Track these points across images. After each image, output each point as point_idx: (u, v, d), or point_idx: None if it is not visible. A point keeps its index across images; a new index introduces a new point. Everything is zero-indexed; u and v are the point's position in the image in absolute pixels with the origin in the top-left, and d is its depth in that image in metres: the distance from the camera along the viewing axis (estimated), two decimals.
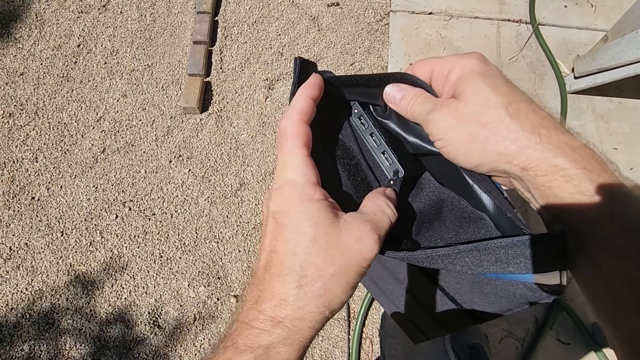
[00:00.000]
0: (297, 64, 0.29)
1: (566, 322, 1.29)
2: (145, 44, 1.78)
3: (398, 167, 0.34)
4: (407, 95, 0.33)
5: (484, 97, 0.29)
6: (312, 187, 0.27)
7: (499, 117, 0.28)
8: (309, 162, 0.28)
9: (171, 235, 1.46)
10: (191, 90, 1.63)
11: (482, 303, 0.35)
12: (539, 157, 0.27)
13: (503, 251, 0.26)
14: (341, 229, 0.26)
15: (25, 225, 1.46)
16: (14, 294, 1.37)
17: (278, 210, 0.27)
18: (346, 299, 0.27)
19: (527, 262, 0.26)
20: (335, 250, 0.26)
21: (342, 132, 0.35)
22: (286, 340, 0.25)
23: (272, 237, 0.27)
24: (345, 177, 0.33)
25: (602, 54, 1.39)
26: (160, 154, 1.59)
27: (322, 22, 1.82)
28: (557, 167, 0.27)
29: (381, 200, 0.30)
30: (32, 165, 1.55)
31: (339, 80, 0.32)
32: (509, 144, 0.27)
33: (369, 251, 0.27)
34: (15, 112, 1.64)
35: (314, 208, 0.26)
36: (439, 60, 0.32)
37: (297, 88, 0.29)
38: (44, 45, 1.76)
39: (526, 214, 1.43)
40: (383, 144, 0.34)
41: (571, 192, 0.26)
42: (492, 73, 0.30)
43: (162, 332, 1.34)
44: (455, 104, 0.30)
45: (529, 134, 0.27)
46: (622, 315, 0.26)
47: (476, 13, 1.77)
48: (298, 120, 0.28)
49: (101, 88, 1.69)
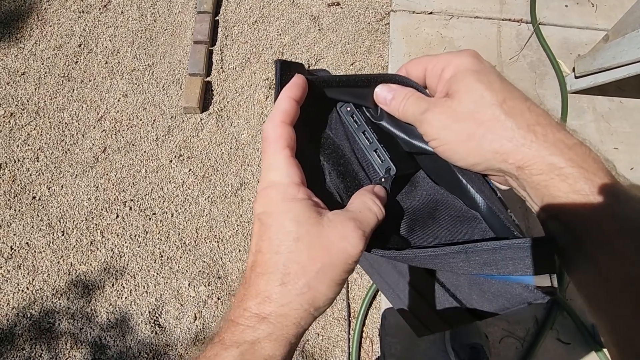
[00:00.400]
0: (277, 66, 0.29)
1: (566, 322, 1.29)
2: (146, 43, 1.78)
3: (390, 164, 0.34)
4: (398, 96, 0.33)
5: (478, 95, 0.28)
6: (296, 187, 0.27)
7: (494, 115, 0.28)
8: (293, 163, 0.28)
9: (172, 235, 1.47)
10: (192, 89, 1.63)
11: (481, 301, 0.35)
12: (535, 155, 0.27)
13: (490, 253, 0.26)
14: (324, 227, 0.26)
15: (27, 225, 1.46)
16: (15, 293, 1.37)
17: (263, 211, 0.28)
18: (333, 296, 0.27)
19: (515, 265, 0.26)
20: (318, 247, 0.26)
21: (332, 130, 0.34)
22: (271, 336, 0.26)
23: (258, 238, 0.28)
24: (334, 176, 0.33)
25: (602, 54, 1.39)
26: (161, 153, 1.59)
27: (322, 22, 1.82)
28: (552, 165, 0.26)
29: (367, 198, 0.30)
30: (33, 165, 1.55)
31: (327, 81, 0.32)
32: (504, 142, 0.27)
33: (353, 248, 0.27)
34: (17, 112, 1.64)
35: (297, 207, 0.27)
36: (432, 58, 0.32)
37: (280, 90, 0.29)
38: (45, 45, 1.77)
39: (526, 213, 1.43)
40: (375, 141, 0.34)
41: (567, 191, 0.26)
42: (486, 70, 0.30)
43: (162, 332, 1.34)
44: (449, 102, 0.30)
45: (524, 132, 0.27)
46: (621, 316, 0.26)
47: (477, 13, 1.76)
48: (280, 122, 0.28)
49: (102, 88, 1.69)
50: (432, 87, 0.33)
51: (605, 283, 0.26)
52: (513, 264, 0.26)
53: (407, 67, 0.34)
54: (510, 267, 0.26)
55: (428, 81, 0.33)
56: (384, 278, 0.46)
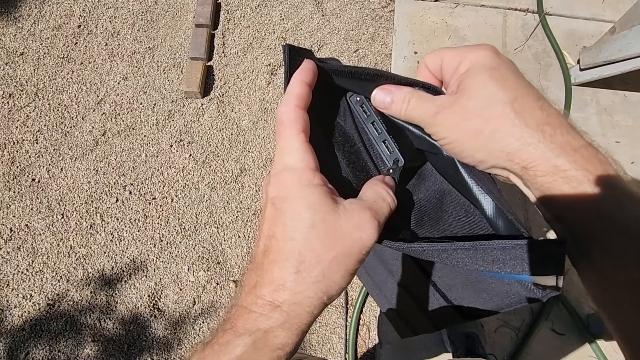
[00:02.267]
0: (286, 51, 0.29)
1: (561, 313, 1.30)
2: (147, 25, 1.76)
3: (398, 156, 0.34)
4: (397, 98, 0.32)
5: (489, 91, 0.28)
6: (311, 172, 0.27)
7: (504, 113, 0.27)
8: (308, 148, 0.28)
9: (171, 220, 1.47)
10: (193, 74, 1.61)
11: (475, 300, 0.35)
12: (540, 156, 0.26)
13: (500, 252, 0.26)
14: (340, 215, 0.26)
15: (26, 207, 1.46)
16: (14, 274, 1.38)
17: (277, 195, 0.27)
18: (345, 286, 0.27)
19: (524, 265, 0.26)
20: (334, 236, 0.26)
21: (342, 119, 0.34)
22: (284, 325, 0.26)
23: (271, 223, 0.27)
24: (344, 164, 0.33)
25: (609, 46, 1.37)
26: (161, 138, 1.58)
27: (326, 7, 1.80)
28: (557, 167, 0.26)
29: (381, 187, 0.30)
30: (33, 147, 1.55)
31: (335, 70, 0.31)
32: (512, 141, 0.27)
33: (368, 238, 0.27)
34: (15, 93, 1.62)
35: (313, 193, 0.26)
36: (450, 51, 0.32)
37: (290, 75, 0.29)
38: (44, 25, 1.74)
39: (525, 205, 1.43)
40: (384, 132, 0.34)
41: (570, 193, 0.26)
42: (502, 66, 0.29)
43: (161, 315, 1.36)
44: (459, 100, 0.29)
45: (532, 131, 0.27)
46: (624, 318, 0.26)
47: (483, 1, 1.74)
48: (295, 106, 0.28)
49: (102, 70, 1.67)
50: (446, 80, 0.33)
51: (606, 285, 0.26)
52: (521, 264, 0.26)
53: (425, 59, 0.34)
54: (518, 267, 0.26)
55: (444, 73, 0.33)
56: (372, 277, 0.47)
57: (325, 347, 1.33)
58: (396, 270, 0.43)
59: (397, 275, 0.43)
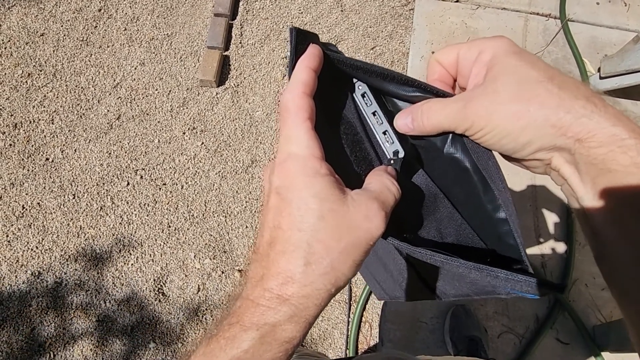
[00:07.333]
0: (292, 34, 0.28)
1: (567, 322, 1.29)
2: (166, 12, 1.77)
3: (399, 147, 0.33)
4: (415, 112, 0.31)
5: (523, 73, 0.27)
6: (317, 161, 0.26)
7: (547, 90, 0.26)
8: (314, 136, 0.27)
9: (180, 206, 1.48)
10: (209, 63, 1.62)
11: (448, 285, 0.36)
12: (596, 126, 0.25)
13: (503, 281, 0.27)
14: (349, 207, 0.26)
15: (39, 186, 1.48)
16: (24, 251, 1.40)
17: (282, 185, 0.26)
18: (351, 276, 0.27)
19: (523, 289, 0.27)
20: (343, 227, 0.25)
21: (345, 107, 0.34)
22: (292, 318, 0.25)
23: (276, 213, 0.26)
24: (347, 153, 0.33)
25: (631, 55, 1.35)
26: (175, 124, 1.59)
27: (345, 3, 1.79)
28: (615, 136, 0.24)
29: (385, 177, 0.29)
30: (48, 127, 1.56)
31: (340, 60, 0.31)
32: (562, 115, 0.25)
33: (377, 228, 0.26)
34: (34, 73, 1.64)
35: (319, 183, 0.26)
36: (464, 44, 0.31)
37: (295, 60, 0.28)
38: (66, 7, 1.76)
39: (536, 212, 1.42)
40: (385, 123, 0.34)
41: (627, 164, 0.24)
42: (526, 51, 0.28)
43: (166, 300, 1.37)
44: (491, 86, 0.28)
45: (583, 102, 0.25)
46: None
47: (504, 4, 1.72)
48: (301, 93, 0.27)
49: (120, 55, 1.69)
50: (464, 73, 0.32)
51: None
52: (521, 288, 0.27)
53: (437, 56, 0.33)
54: (517, 288, 0.27)
55: (460, 67, 0.32)
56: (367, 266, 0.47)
57: (326, 342, 1.33)
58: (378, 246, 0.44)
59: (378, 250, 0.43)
